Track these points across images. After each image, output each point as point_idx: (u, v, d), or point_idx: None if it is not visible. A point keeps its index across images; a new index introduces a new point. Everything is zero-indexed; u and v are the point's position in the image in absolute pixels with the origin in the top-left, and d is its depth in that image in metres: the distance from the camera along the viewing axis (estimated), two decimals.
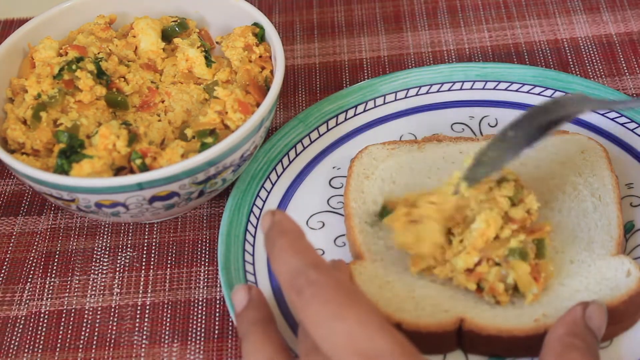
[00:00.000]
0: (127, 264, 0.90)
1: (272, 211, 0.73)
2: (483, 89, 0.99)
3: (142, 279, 0.89)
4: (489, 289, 0.78)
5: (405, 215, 0.82)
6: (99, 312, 0.86)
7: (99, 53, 0.92)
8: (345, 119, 0.98)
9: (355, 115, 0.98)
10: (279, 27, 1.14)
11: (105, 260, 0.91)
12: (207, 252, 0.90)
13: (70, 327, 0.86)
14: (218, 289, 0.87)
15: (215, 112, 0.87)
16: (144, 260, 0.90)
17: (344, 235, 0.89)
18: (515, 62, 1.06)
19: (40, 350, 0.84)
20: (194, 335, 0.84)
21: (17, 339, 0.85)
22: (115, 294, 0.88)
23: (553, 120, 0.80)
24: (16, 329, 0.86)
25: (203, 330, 0.84)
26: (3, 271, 0.91)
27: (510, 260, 0.78)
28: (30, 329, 0.86)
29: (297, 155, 0.95)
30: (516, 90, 0.99)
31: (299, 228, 0.72)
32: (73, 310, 0.87)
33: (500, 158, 0.80)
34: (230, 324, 0.84)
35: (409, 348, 0.64)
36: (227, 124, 0.87)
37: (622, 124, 0.94)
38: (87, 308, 0.87)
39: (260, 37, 0.94)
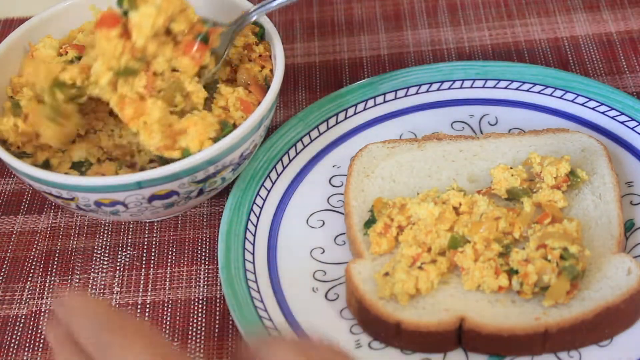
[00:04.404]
0: (127, 263, 0.90)
1: (58, 310, 0.64)
2: (483, 87, 0.99)
3: (142, 278, 0.89)
4: (523, 274, 0.78)
5: (384, 228, 0.83)
6: None
7: None
8: (346, 118, 0.98)
9: (355, 113, 0.98)
10: (279, 26, 1.14)
11: (106, 259, 0.91)
12: (207, 251, 0.90)
13: None
14: (218, 288, 0.87)
15: (220, 108, 0.87)
16: (144, 259, 0.90)
17: (344, 233, 0.88)
18: (515, 61, 1.06)
19: (40, 350, 0.84)
20: (194, 334, 0.84)
21: (18, 338, 0.85)
22: (115, 292, 0.88)
23: None
24: (16, 328, 0.86)
25: (203, 329, 0.84)
26: (3, 270, 0.91)
27: (561, 269, 0.78)
28: (31, 328, 0.86)
29: (297, 153, 0.95)
30: (516, 89, 0.99)
31: (108, 306, 0.64)
32: None
33: None
34: (230, 322, 0.84)
35: None
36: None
37: (622, 122, 0.94)
38: None
39: (260, 36, 0.94)
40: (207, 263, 0.89)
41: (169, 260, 0.90)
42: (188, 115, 0.83)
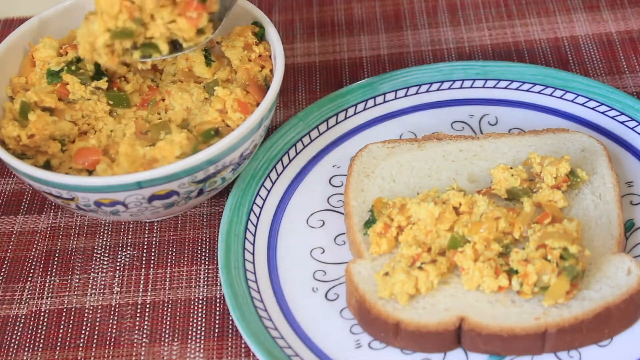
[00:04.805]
0: (127, 263, 0.90)
1: None
2: (483, 87, 0.99)
3: (142, 278, 0.89)
4: (523, 274, 0.78)
5: (384, 228, 0.83)
6: (99, 311, 0.86)
7: None
8: (346, 118, 0.98)
9: (355, 113, 0.98)
10: (279, 26, 1.14)
11: (106, 259, 0.91)
12: (207, 251, 0.90)
13: (70, 326, 0.86)
14: (218, 288, 0.87)
15: (217, 111, 0.87)
16: (144, 259, 0.90)
17: (344, 233, 0.88)
18: (515, 61, 1.06)
19: (40, 349, 0.84)
20: (194, 334, 0.84)
21: (18, 338, 0.85)
22: (115, 292, 0.88)
23: None
24: (16, 328, 0.86)
25: (203, 328, 0.84)
26: (3, 270, 0.91)
27: (561, 269, 0.77)
28: (31, 327, 0.86)
29: (297, 153, 0.95)
30: (516, 89, 0.99)
31: None
32: (73, 309, 0.87)
33: None
34: (230, 322, 0.84)
35: None
36: (227, 124, 0.87)
37: (622, 122, 0.94)
38: (87, 307, 0.87)
39: (260, 36, 0.94)
40: (207, 263, 0.89)
41: (169, 260, 0.90)
42: (158, 144, 0.84)
